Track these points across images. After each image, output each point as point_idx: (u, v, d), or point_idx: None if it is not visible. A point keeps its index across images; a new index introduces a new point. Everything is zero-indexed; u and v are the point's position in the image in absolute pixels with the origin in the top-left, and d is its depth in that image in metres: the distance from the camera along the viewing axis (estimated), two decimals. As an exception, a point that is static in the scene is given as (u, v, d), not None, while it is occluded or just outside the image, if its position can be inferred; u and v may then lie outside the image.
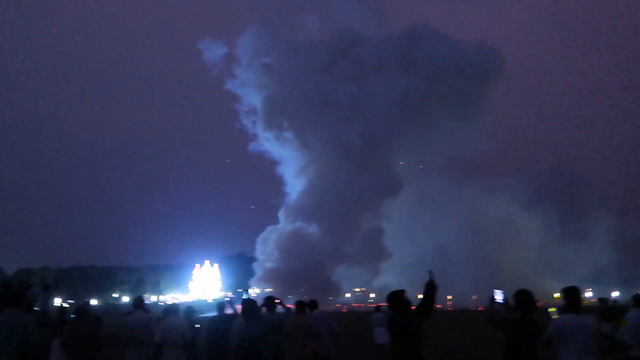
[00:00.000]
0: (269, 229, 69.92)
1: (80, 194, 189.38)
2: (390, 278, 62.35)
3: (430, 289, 5.29)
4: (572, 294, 5.19)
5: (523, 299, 5.05)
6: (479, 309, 48.15)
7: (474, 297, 63.37)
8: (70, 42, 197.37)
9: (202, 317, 9.47)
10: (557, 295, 70.48)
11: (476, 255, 64.40)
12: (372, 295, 68.29)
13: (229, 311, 8.86)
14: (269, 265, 64.84)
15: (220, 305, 9.01)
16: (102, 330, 9.46)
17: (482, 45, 70.27)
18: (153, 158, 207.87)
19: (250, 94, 72.40)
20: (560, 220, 71.64)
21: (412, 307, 5.48)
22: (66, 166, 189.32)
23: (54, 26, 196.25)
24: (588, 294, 61.79)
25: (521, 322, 4.94)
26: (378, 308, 16.10)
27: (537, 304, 5.10)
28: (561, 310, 5.17)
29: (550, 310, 5.24)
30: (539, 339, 4.85)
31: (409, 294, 5.52)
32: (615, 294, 71.65)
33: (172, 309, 8.19)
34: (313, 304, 9.32)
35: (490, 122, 75.74)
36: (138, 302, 8.05)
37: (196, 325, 9.05)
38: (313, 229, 64.62)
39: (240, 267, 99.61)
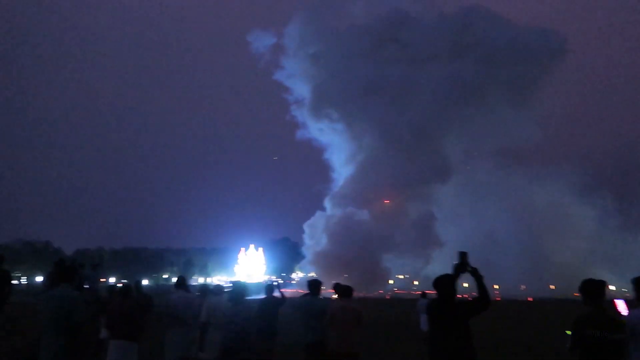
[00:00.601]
0: (318, 214, 70.10)
1: (134, 179, 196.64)
2: (439, 266, 61.25)
3: (459, 272, 4.66)
4: None
5: (592, 289, 4.41)
6: (529, 299, 46.72)
7: (522, 287, 61.52)
8: (121, 33, 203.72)
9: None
10: (612, 287, 67.35)
11: (525, 243, 62.37)
12: (416, 282, 67.46)
13: (276, 294, 8.82)
14: (318, 249, 64.70)
15: (269, 287, 8.92)
16: (151, 311, 9.55)
17: (542, 28, 66.49)
18: (204, 145, 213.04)
19: (298, 84, 72.24)
20: (618, 209, 68.19)
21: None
22: (122, 152, 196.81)
23: (107, 17, 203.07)
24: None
25: (596, 315, 4.26)
26: (424, 295, 15.74)
27: (605, 289, 4.43)
28: (632, 303, 4.57)
29: (617, 302, 4.62)
30: (622, 334, 4.16)
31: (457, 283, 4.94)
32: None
33: (216, 290, 8.10)
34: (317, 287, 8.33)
35: (545, 109, 72.07)
36: (180, 282, 7.93)
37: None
38: (363, 215, 64.12)
39: (285, 251, 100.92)
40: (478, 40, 64.18)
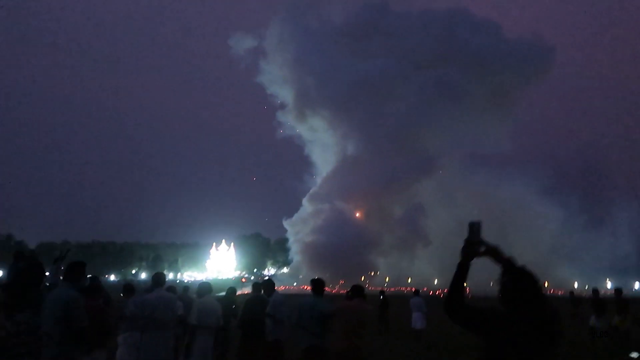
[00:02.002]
0: (302, 209, 69.38)
1: (103, 171, 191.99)
2: (423, 263, 61.67)
3: (469, 256, 2.88)
4: None
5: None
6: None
7: (491, 283, 62.57)
8: (109, 32, 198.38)
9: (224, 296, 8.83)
10: (576, 285, 69.39)
11: (492, 239, 63.27)
12: (387, 278, 67.72)
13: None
14: (307, 240, 63.12)
15: (257, 285, 8.48)
16: (113, 311, 8.60)
17: (533, 40, 66.36)
18: (176, 139, 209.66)
19: (281, 87, 71.54)
20: (581, 207, 70.08)
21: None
22: (91, 143, 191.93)
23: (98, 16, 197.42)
24: (608, 284, 60.54)
25: None
26: (417, 292, 15.74)
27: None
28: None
29: None
30: None
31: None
32: (636, 285, 70.13)
33: (204, 289, 7.21)
34: (271, 286, 8.11)
35: (520, 117, 72.70)
36: (159, 279, 6.84)
37: (233, 306, 8.44)
38: (351, 211, 63.92)
39: (257, 247, 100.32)
40: (464, 44, 63.99)
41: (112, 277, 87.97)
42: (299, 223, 67.29)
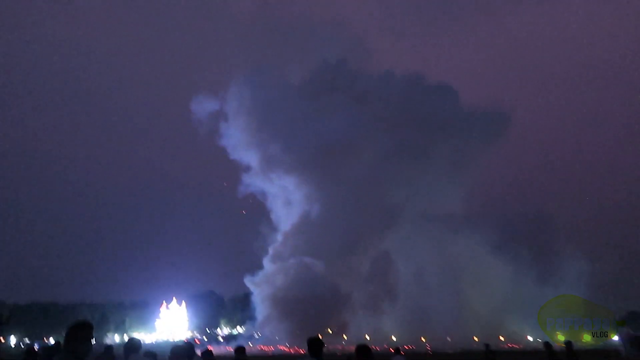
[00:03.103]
0: (267, 264, 68.24)
1: (42, 226, 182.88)
2: (385, 319, 61.21)
3: None
4: None
5: None
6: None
7: (448, 338, 62.39)
8: (71, 93, 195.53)
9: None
10: (529, 337, 70.58)
11: (448, 291, 63.89)
12: (345, 337, 66.47)
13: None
14: (279, 295, 61.77)
15: (207, 354, 8.29)
16: None
17: (489, 108, 71.79)
18: (124, 192, 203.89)
19: (243, 149, 71.94)
20: (531, 262, 72.15)
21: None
22: (28, 196, 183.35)
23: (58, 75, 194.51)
24: (560, 337, 61.58)
25: None
26: (398, 351, 15.55)
27: None
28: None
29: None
30: None
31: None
32: (587, 337, 71.86)
33: (136, 345, 6.36)
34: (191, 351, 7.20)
35: (475, 179, 77.28)
36: (134, 345, 6.33)
37: None
38: (319, 266, 63.25)
39: (210, 305, 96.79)
40: (422, 108, 67.54)
41: (53, 342, 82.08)
42: (264, 281, 66.10)
